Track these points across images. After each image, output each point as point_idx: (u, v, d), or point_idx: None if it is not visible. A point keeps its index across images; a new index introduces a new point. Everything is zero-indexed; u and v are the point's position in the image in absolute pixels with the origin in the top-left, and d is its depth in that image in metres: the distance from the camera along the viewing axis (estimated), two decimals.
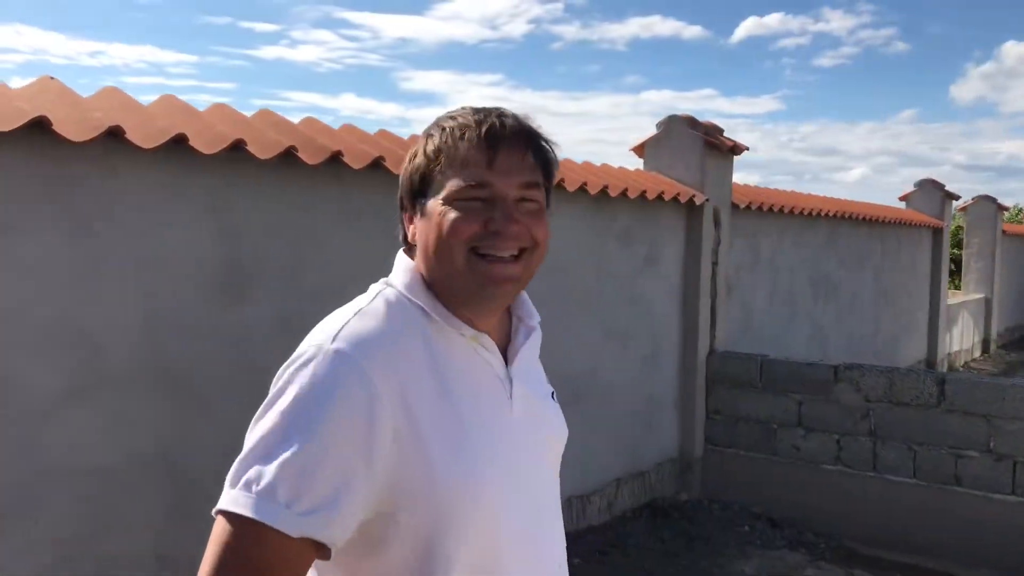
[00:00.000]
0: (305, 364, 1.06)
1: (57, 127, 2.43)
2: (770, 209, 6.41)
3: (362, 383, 1.05)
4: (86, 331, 2.59)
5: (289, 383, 1.05)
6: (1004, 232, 13.96)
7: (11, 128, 2.32)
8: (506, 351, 1.25)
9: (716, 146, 5.59)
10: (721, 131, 5.76)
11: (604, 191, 4.56)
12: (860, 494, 5.06)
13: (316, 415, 1.02)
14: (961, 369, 11.78)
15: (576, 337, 4.69)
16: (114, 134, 2.57)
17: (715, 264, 5.73)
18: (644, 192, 4.86)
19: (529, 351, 1.29)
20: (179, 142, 2.71)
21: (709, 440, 5.66)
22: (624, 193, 4.71)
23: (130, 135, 2.60)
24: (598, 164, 5.22)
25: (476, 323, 1.19)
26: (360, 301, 1.17)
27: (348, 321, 1.11)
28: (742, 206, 5.99)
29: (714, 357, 5.67)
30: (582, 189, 4.43)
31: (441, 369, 1.13)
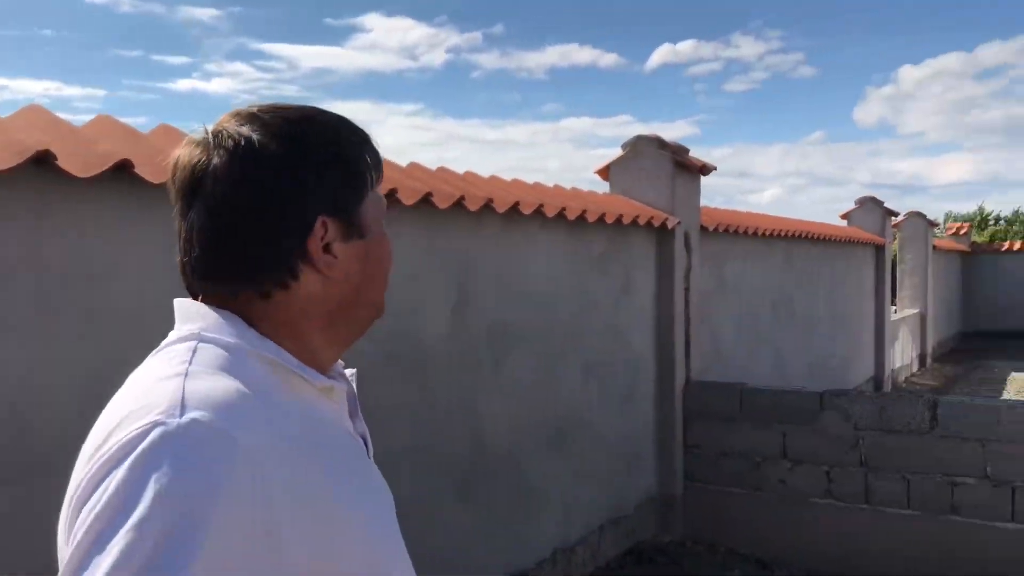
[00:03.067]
0: (148, 453, 0.69)
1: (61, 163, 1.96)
2: (735, 231, 6.20)
3: (247, 464, 0.72)
4: None
5: (130, 487, 0.67)
6: (935, 248, 14.24)
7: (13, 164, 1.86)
8: None
9: (686, 167, 5.34)
10: (687, 151, 5.52)
11: (582, 216, 4.24)
12: (853, 528, 4.81)
13: (196, 526, 0.67)
14: (904, 385, 11.86)
15: (561, 374, 4.33)
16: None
17: (687, 290, 5.46)
18: (620, 216, 4.55)
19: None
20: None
21: (689, 476, 5.35)
22: (601, 218, 4.39)
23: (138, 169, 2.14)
24: (567, 188, 4.90)
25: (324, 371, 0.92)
26: (175, 362, 0.80)
27: (184, 385, 0.75)
28: (711, 228, 5.76)
29: (691, 388, 5.38)
30: (560, 215, 4.10)
31: (313, 439, 0.83)
